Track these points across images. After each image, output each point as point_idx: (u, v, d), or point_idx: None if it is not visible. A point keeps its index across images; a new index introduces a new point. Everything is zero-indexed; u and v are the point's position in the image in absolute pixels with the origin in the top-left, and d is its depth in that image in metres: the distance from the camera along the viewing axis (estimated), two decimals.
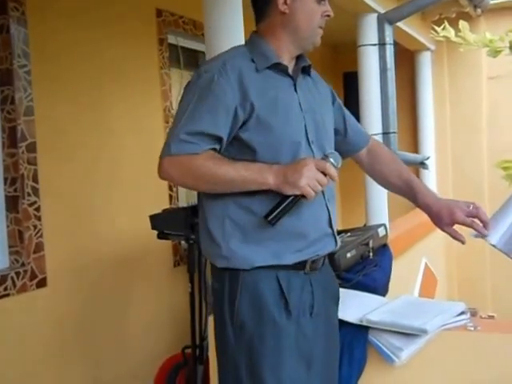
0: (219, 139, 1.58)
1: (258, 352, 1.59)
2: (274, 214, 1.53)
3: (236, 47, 1.76)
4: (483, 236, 1.73)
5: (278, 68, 1.68)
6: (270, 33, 1.70)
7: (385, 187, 2.01)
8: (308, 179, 1.51)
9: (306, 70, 1.77)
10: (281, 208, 1.53)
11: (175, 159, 1.55)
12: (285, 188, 1.53)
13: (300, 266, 1.64)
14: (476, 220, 1.74)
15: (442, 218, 1.77)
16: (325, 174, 1.54)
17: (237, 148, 1.61)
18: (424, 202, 1.82)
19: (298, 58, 1.75)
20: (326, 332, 1.73)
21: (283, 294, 1.61)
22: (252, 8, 1.75)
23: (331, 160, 1.57)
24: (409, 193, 1.87)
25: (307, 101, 1.71)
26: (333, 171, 1.55)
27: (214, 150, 1.58)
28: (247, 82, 1.59)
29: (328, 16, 1.71)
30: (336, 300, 1.85)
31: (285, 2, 1.66)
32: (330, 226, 1.71)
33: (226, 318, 1.62)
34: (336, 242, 1.75)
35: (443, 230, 1.79)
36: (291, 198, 1.53)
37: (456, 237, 1.75)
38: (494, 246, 1.74)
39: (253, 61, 1.64)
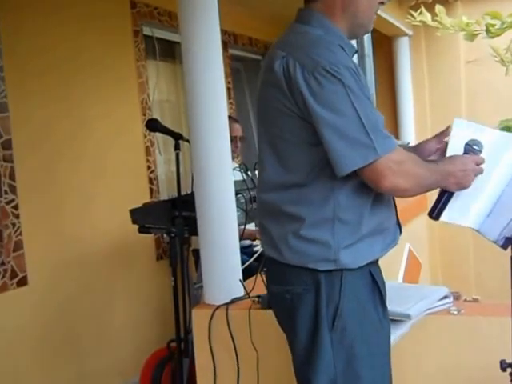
0: None
1: (358, 355, 1.54)
2: (437, 210, 1.64)
3: (310, 33, 1.55)
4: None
5: (354, 54, 1.61)
6: (328, 14, 1.57)
7: None
8: (473, 179, 1.59)
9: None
10: (442, 203, 1.63)
11: (399, 165, 1.47)
12: (452, 188, 1.59)
13: (379, 258, 1.65)
14: None
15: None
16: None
17: None
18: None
19: None
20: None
21: (378, 288, 1.60)
22: None
23: (476, 148, 1.63)
24: None
25: None
26: (483, 161, 1.61)
27: None
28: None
29: (382, 3, 1.63)
30: None
31: None
32: (396, 213, 1.71)
33: (322, 324, 1.53)
34: (401, 229, 1.73)
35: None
36: (450, 193, 1.62)
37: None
38: (476, 230, 1.73)
39: (341, 47, 1.51)
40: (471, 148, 1.63)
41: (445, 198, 1.63)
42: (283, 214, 1.57)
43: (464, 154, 1.63)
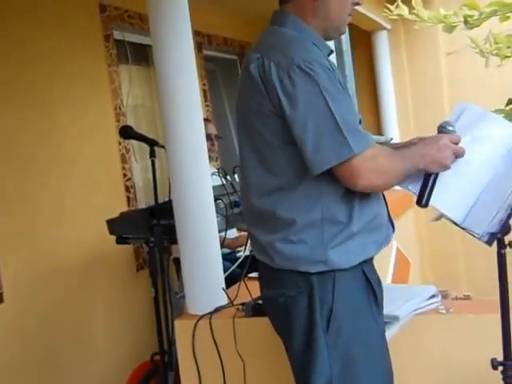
0: None
1: (354, 356, 1.54)
2: (426, 195, 1.58)
3: (284, 33, 1.57)
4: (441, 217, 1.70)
5: (329, 54, 1.62)
6: (301, 16, 1.59)
7: None
8: (451, 156, 1.55)
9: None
10: (429, 188, 1.59)
11: (373, 162, 1.46)
12: (432, 168, 1.55)
13: (373, 257, 1.65)
14: None
15: None
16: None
17: None
18: None
19: None
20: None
21: (372, 287, 1.59)
22: None
23: (450, 128, 1.61)
24: None
25: None
26: (459, 139, 1.58)
27: None
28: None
29: (357, 4, 1.64)
30: None
31: None
32: (388, 211, 1.70)
33: (316, 327, 1.53)
34: (393, 227, 1.72)
35: None
36: (434, 176, 1.58)
37: None
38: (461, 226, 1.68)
39: (315, 45, 1.53)
40: (444, 129, 1.61)
41: (431, 181, 1.58)
42: (273, 219, 1.57)
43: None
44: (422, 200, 1.59)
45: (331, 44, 2.71)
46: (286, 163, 1.53)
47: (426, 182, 1.58)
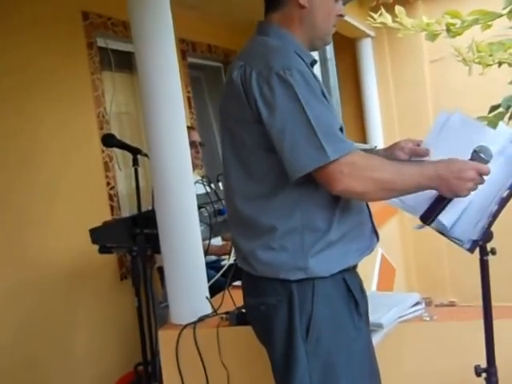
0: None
1: (335, 364, 1.53)
2: (433, 217, 1.56)
3: (267, 42, 1.58)
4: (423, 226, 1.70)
5: (312, 63, 1.62)
6: (286, 26, 1.61)
7: None
8: (471, 187, 1.49)
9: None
10: (438, 211, 1.56)
11: (350, 168, 1.44)
12: (446, 194, 1.51)
13: (355, 265, 1.64)
14: None
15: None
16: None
17: None
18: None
19: None
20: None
21: (353, 295, 1.59)
22: None
23: (482, 156, 1.51)
24: None
25: None
26: (489, 172, 1.51)
27: None
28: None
29: (341, 16, 1.66)
30: None
31: None
32: (372, 220, 1.69)
33: (296, 335, 1.52)
34: (378, 237, 1.71)
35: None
36: (447, 201, 1.54)
37: None
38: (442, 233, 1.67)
39: (297, 54, 1.54)
40: (478, 156, 1.51)
41: (443, 204, 1.55)
42: (255, 226, 1.58)
43: (470, 159, 1.53)
44: (429, 219, 1.56)
45: (315, 53, 2.72)
46: (267, 170, 1.54)
47: (438, 204, 1.55)
